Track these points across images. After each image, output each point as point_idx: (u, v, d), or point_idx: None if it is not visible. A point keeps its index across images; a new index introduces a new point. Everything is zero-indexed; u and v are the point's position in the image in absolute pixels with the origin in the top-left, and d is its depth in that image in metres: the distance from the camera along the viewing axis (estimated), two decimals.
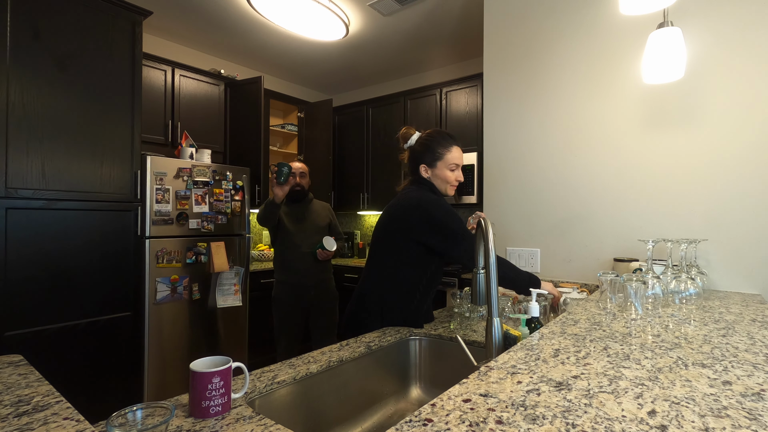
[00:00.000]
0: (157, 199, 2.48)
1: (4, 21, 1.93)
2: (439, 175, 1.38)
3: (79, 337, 2.15)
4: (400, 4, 2.76)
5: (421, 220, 1.29)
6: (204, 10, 2.92)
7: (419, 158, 1.40)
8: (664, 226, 1.69)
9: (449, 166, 1.37)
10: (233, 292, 2.84)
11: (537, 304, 1.16)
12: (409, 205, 1.31)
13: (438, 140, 1.38)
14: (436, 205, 1.29)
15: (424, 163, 1.39)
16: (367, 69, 3.99)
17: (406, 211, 1.31)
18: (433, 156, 1.38)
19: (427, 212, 1.28)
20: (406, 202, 1.33)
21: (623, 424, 0.52)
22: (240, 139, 3.39)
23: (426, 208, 1.29)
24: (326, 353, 1.10)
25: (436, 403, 0.58)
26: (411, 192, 1.35)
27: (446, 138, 1.39)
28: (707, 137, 1.61)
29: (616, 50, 1.81)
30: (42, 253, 2.05)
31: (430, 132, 1.42)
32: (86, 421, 0.63)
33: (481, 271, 1.09)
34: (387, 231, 1.35)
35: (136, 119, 2.39)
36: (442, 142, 1.38)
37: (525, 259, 2.05)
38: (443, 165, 1.37)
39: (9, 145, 1.94)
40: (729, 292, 1.53)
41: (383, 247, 1.36)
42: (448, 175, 1.37)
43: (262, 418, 0.71)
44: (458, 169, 1.39)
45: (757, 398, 0.59)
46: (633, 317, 1.08)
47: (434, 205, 1.29)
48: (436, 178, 1.38)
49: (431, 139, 1.39)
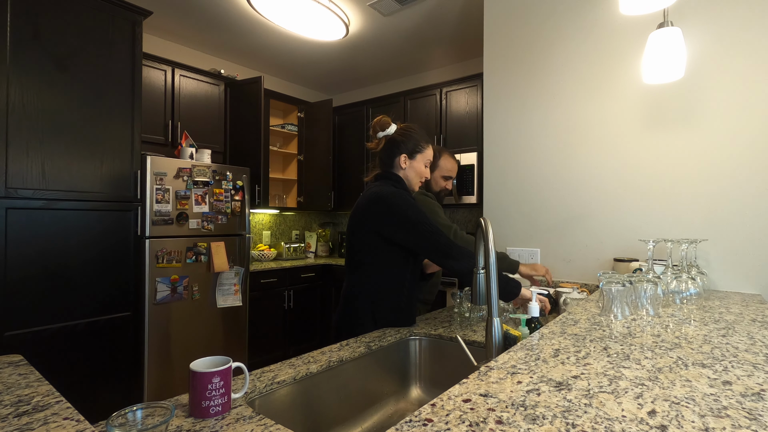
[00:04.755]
0: (157, 199, 2.48)
1: (4, 21, 1.93)
2: (416, 168, 1.37)
3: (79, 337, 2.15)
4: (400, 4, 2.76)
5: (384, 214, 1.26)
6: (204, 10, 2.92)
7: (399, 147, 1.37)
8: (664, 226, 1.69)
9: (426, 161, 1.38)
10: (233, 292, 2.84)
11: (537, 304, 1.16)
12: (371, 200, 1.29)
13: (420, 134, 1.39)
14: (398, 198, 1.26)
15: (405, 153, 1.37)
16: (367, 69, 3.99)
17: (371, 208, 1.29)
18: (415, 147, 1.37)
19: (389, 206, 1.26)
20: (367, 199, 1.31)
21: (623, 424, 0.52)
22: (240, 139, 3.39)
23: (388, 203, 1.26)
24: (326, 353, 1.10)
25: (436, 403, 0.58)
26: (373, 188, 1.33)
27: (425, 135, 1.41)
28: (707, 137, 1.61)
29: (616, 50, 1.81)
30: (42, 253, 2.05)
31: (411, 125, 1.42)
32: (86, 421, 0.63)
33: (481, 271, 1.09)
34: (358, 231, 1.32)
35: (136, 119, 2.39)
36: (424, 136, 1.39)
37: (525, 259, 2.05)
38: (422, 159, 1.38)
39: (9, 145, 1.94)
40: (729, 292, 1.53)
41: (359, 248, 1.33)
42: (423, 170, 1.38)
43: (262, 418, 0.71)
44: (428, 167, 1.41)
45: (757, 398, 0.58)
46: (633, 317, 1.08)
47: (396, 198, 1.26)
48: (412, 170, 1.37)
49: (414, 131, 1.38)
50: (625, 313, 1.09)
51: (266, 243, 4.02)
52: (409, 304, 1.37)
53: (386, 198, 1.26)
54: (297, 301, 3.51)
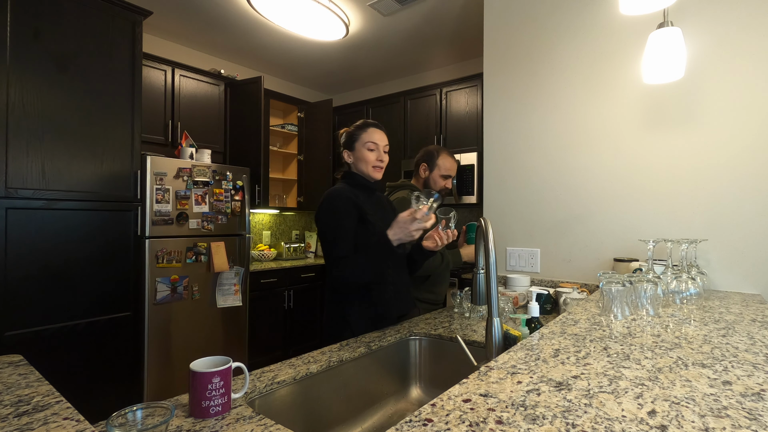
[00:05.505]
0: (157, 199, 2.48)
1: (4, 21, 1.93)
2: (359, 156, 1.39)
3: (79, 337, 2.15)
4: (400, 4, 2.76)
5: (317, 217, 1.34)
6: (204, 10, 2.92)
7: (343, 147, 1.45)
8: (664, 226, 1.69)
9: (366, 145, 1.38)
10: (233, 292, 2.84)
11: (537, 304, 1.16)
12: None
13: (357, 126, 1.43)
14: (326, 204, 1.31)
15: (346, 149, 1.43)
16: (367, 69, 3.99)
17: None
18: (351, 139, 1.42)
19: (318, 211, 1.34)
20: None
21: (623, 424, 0.52)
22: (240, 139, 3.39)
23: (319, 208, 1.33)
24: (326, 353, 1.10)
25: (436, 403, 0.58)
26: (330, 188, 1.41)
27: (365, 123, 1.43)
28: (707, 137, 1.61)
29: (616, 50, 1.81)
30: (42, 253, 2.05)
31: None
32: (86, 421, 0.63)
33: (481, 271, 1.09)
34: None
35: (136, 119, 2.39)
36: (361, 126, 1.42)
37: (525, 259, 2.05)
38: (360, 145, 1.39)
39: (9, 145, 1.94)
40: (729, 292, 1.53)
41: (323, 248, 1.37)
42: (367, 155, 1.38)
43: (262, 418, 0.71)
44: (378, 150, 1.39)
45: (757, 398, 0.58)
46: (633, 317, 1.08)
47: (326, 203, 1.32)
48: (358, 161, 1.40)
49: (351, 128, 1.45)
50: (625, 313, 1.09)
51: (266, 243, 4.02)
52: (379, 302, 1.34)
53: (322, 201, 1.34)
54: (297, 301, 3.51)
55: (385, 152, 1.41)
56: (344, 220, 1.29)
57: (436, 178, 1.85)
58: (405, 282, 1.44)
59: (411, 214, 1.17)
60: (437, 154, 1.86)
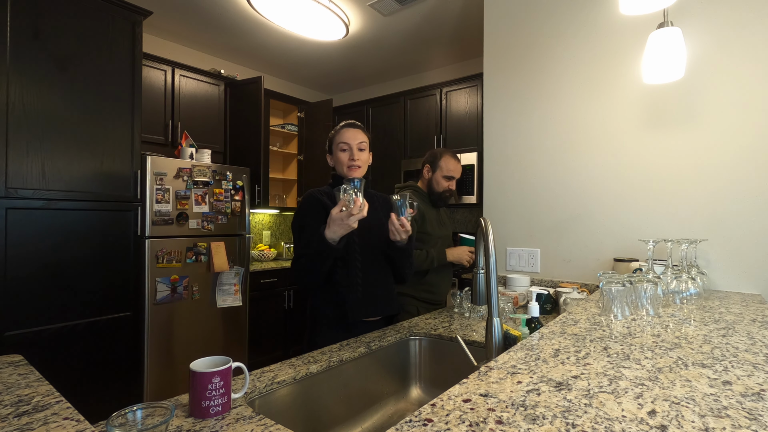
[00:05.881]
0: (157, 199, 2.48)
1: (4, 21, 1.93)
2: (335, 159, 1.42)
3: (79, 337, 2.15)
4: (400, 4, 2.76)
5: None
6: (204, 10, 2.92)
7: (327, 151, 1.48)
8: (663, 226, 1.69)
9: (339, 146, 1.40)
10: (233, 292, 2.84)
11: (537, 304, 1.16)
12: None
13: (335, 129, 1.46)
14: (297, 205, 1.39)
15: (329, 153, 1.46)
16: (367, 69, 3.99)
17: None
18: (329, 143, 1.45)
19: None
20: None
21: (623, 424, 0.52)
22: (240, 139, 3.39)
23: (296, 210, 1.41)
24: (326, 353, 1.10)
25: (436, 403, 0.58)
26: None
27: (341, 125, 1.45)
28: (707, 137, 1.61)
29: (616, 50, 1.81)
30: (42, 253, 2.05)
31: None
32: (86, 421, 0.63)
33: (481, 271, 1.09)
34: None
35: (136, 119, 2.39)
36: (337, 129, 1.44)
37: (525, 259, 2.05)
38: (335, 148, 1.41)
39: (9, 145, 1.94)
40: (729, 292, 1.53)
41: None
42: (340, 156, 1.40)
43: (262, 418, 0.71)
44: (351, 149, 1.38)
45: (757, 398, 0.58)
46: (633, 317, 1.08)
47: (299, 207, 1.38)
48: (336, 163, 1.43)
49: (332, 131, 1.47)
50: (625, 313, 1.09)
51: (266, 243, 4.02)
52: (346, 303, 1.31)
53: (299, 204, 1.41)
54: (297, 301, 3.51)
55: (360, 150, 1.39)
56: (306, 220, 1.32)
57: (438, 179, 1.86)
58: (382, 284, 1.38)
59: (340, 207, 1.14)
60: (440, 155, 1.88)
